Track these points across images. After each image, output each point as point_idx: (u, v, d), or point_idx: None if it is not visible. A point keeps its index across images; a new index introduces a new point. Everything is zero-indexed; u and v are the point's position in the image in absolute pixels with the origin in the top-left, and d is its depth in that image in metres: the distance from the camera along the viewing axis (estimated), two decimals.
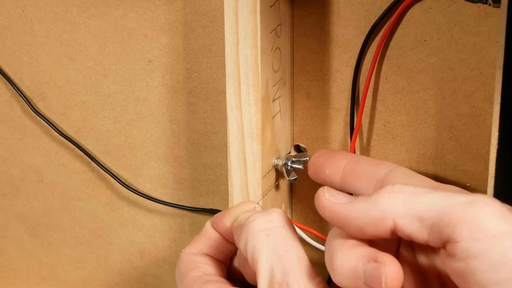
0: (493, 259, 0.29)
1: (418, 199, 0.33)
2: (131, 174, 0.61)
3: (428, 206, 0.32)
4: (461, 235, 0.30)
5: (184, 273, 0.42)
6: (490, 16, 0.44)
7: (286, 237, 0.38)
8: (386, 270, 0.32)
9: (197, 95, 0.55)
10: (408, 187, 0.34)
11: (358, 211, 0.34)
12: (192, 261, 0.43)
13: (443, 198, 0.32)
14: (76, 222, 0.66)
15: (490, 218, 0.30)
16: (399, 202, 0.33)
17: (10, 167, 0.67)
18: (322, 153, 0.46)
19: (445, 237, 0.31)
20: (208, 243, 0.44)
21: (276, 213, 0.39)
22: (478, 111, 0.46)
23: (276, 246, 0.37)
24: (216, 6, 0.52)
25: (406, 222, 0.32)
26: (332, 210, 0.35)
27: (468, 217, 0.31)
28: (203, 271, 0.42)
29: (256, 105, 0.44)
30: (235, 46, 0.44)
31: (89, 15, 0.57)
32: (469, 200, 0.31)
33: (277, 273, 0.36)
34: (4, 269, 0.72)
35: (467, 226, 0.30)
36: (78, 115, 0.61)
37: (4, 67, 0.63)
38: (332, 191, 0.35)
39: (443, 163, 0.48)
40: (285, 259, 0.37)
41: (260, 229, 0.38)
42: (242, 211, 0.42)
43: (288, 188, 0.53)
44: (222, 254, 0.44)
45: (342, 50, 0.49)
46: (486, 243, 0.30)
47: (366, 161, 0.44)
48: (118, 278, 0.66)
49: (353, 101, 0.50)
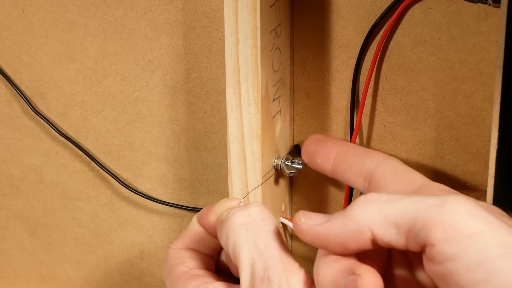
0: (470, 259, 0.29)
1: (391, 206, 0.33)
2: (131, 174, 0.61)
3: (402, 212, 0.32)
4: (436, 238, 0.30)
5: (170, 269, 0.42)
6: (490, 16, 0.44)
7: (266, 230, 0.38)
8: (363, 282, 0.32)
9: (197, 95, 0.55)
10: (381, 195, 0.34)
11: (336, 229, 0.34)
12: (178, 256, 0.43)
13: (415, 202, 0.32)
14: (76, 222, 0.66)
15: (463, 218, 0.30)
16: (373, 211, 0.33)
17: (10, 167, 0.67)
18: (314, 140, 0.46)
19: (421, 241, 0.31)
20: (194, 238, 0.44)
21: (255, 207, 0.39)
22: (478, 111, 0.46)
23: (256, 240, 0.37)
24: (216, 6, 0.52)
25: (383, 231, 0.33)
26: (311, 232, 0.35)
27: (442, 219, 0.31)
28: (189, 265, 0.42)
29: (256, 105, 0.44)
30: (235, 46, 0.44)
31: (89, 15, 0.57)
32: (440, 201, 0.31)
33: (258, 268, 0.36)
34: (4, 269, 0.72)
35: (441, 229, 0.30)
36: (78, 115, 0.61)
37: (4, 67, 0.63)
38: (307, 214, 0.36)
39: (443, 163, 0.48)
40: (266, 253, 0.37)
41: (240, 224, 0.38)
42: (225, 208, 0.43)
43: (288, 187, 0.53)
44: (209, 248, 0.44)
45: (342, 50, 0.49)
46: (462, 244, 0.30)
47: (356, 151, 0.44)
48: (118, 278, 0.66)
49: (353, 101, 0.50)
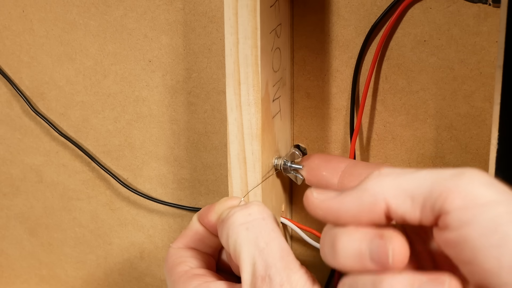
0: (485, 225, 0.30)
1: (406, 178, 0.33)
2: (131, 174, 0.61)
3: (418, 183, 0.32)
4: (452, 206, 0.31)
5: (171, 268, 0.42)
6: (490, 16, 0.44)
7: (266, 229, 0.38)
8: (393, 245, 0.32)
9: (197, 95, 0.55)
10: (395, 169, 0.34)
11: (350, 202, 0.34)
12: (179, 255, 0.43)
13: (431, 174, 0.32)
14: (76, 222, 0.66)
15: (479, 187, 0.31)
16: (389, 183, 0.33)
17: (10, 167, 0.67)
18: (316, 156, 0.47)
19: (437, 211, 0.31)
20: (195, 237, 0.44)
21: (255, 206, 0.39)
22: (478, 111, 0.46)
23: (257, 239, 0.37)
24: (216, 6, 0.52)
25: (398, 202, 0.32)
26: (324, 206, 0.34)
27: (458, 188, 0.31)
28: (190, 265, 0.42)
29: (256, 105, 0.44)
30: (235, 46, 0.44)
31: (89, 15, 0.57)
32: (457, 172, 0.32)
33: (259, 267, 0.36)
34: (4, 269, 0.72)
35: (457, 196, 0.31)
36: (78, 115, 0.61)
37: (4, 67, 0.63)
38: (319, 189, 0.35)
39: (443, 163, 0.48)
40: (266, 252, 0.37)
41: (240, 223, 0.38)
42: (226, 207, 0.42)
43: (288, 188, 0.53)
44: (209, 247, 0.44)
45: (342, 50, 0.49)
46: (477, 211, 0.30)
47: (365, 165, 0.44)
48: (118, 278, 0.66)
49: (353, 101, 0.50)
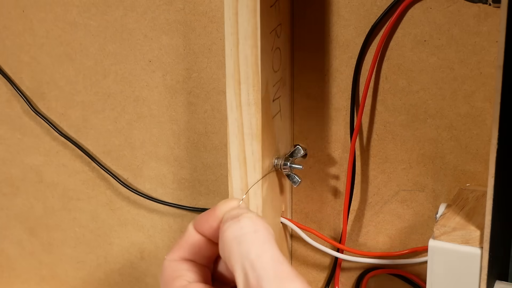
0: None
1: None
2: (131, 174, 0.61)
3: None
4: None
5: (168, 282, 0.41)
6: (490, 16, 0.44)
7: (257, 242, 0.37)
8: None
9: (197, 95, 0.55)
10: None
11: None
12: (175, 269, 0.42)
13: None
14: (76, 222, 0.66)
15: None
16: None
17: (10, 167, 0.67)
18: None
19: None
20: (191, 249, 0.42)
21: (247, 219, 0.39)
22: (478, 111, 0.46)
23: (248, 253, 0.37)
24: (216, 6, 0.52)
25: None
26: None
27: None
28: (187, 279, 0.41)
29: (256, 105, 0.44)
30: (235, 46, 0.44)
31: (89, 15, 0.57)
32: None
33: (251, 279, 0.36)
34: (4, 269, 0.72)
35: None
36: (78, 115, 0.61)
37: (4, 67, 0.63)
38: None
39: (443, 163, 0.48)
40: (258, 265, 0.36)
41: (233, 237, 0.38)
42: (226, 209, 0.42)
43: (289, 188, 0.53)
44: (205, 258, 0.43)
45: (342, 50, 0.49)
46: None
47: None
48: (118, 278, 0.66)
49: (353, 101, 0.50)
